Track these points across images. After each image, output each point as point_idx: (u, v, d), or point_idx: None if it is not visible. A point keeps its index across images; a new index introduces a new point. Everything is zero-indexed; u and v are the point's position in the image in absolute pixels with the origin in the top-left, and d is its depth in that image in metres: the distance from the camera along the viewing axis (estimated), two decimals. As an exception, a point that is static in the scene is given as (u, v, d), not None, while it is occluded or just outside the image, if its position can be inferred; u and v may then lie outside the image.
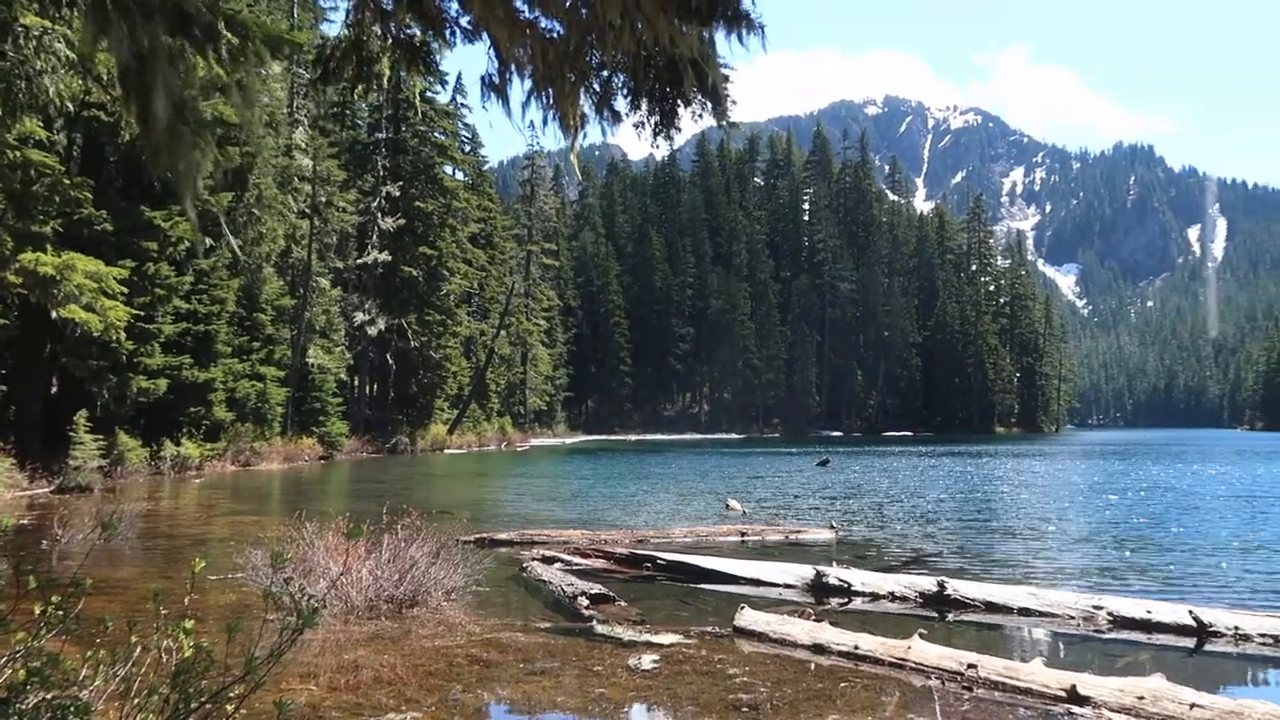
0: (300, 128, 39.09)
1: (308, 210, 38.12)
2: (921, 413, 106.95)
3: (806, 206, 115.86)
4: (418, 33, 3.80)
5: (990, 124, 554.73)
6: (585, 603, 8.35)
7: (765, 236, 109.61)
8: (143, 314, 23.70)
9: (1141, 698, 5.16)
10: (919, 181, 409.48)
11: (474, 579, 8.93)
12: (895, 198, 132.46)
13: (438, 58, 4.17)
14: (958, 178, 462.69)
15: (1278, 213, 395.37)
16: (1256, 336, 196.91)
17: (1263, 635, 7.26)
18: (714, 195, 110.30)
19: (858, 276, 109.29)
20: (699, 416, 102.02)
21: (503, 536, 12.83)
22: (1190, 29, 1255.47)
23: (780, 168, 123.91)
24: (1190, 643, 7.41)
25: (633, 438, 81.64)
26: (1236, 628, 7.40)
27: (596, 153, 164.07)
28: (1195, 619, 7.54)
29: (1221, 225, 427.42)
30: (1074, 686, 5.38)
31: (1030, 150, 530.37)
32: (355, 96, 36.57)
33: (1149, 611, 7.84)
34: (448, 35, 3.70)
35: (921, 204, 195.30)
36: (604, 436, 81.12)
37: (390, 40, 3.79)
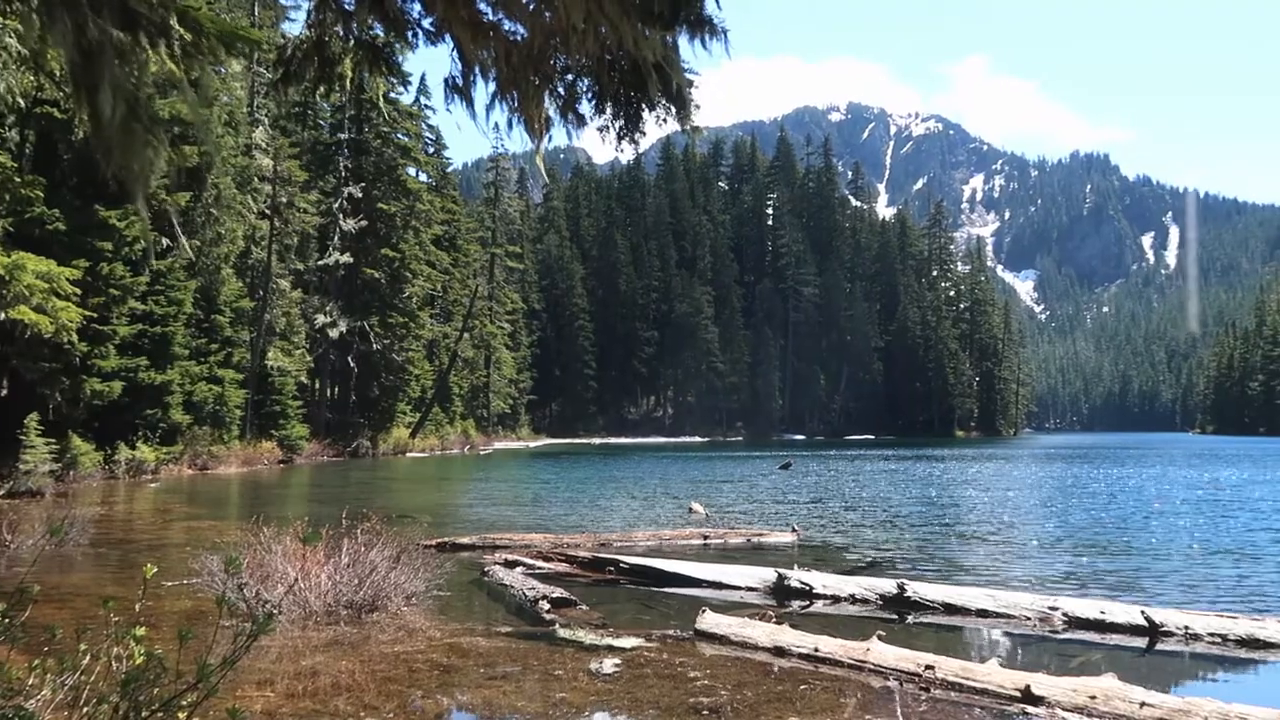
0: (260, 127, 38.59)
1: (268, 211, 37.64)
2: (883, 416, 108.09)
3: (770, 211, 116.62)
4: (380, 34, 3.78)
5: (951, 131, 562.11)
6: (547, 607, 8.32)
7: (729, 240, 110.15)
8: (96, 315, 23.25)
9: (1094, 697, 5.25)
10: (881, 187, 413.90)
11: (435, 584, 8.86)
12: (858, 203, 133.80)
13: (400, 59, 4.15)
14: (919, 184, 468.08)
15: (1227, 221, 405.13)
16: (1207, 342, 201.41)
17: (1211, 634, 7.42)
18: (679, 199, 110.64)
19: (821, 281, 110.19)
20: (663, 420, 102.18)
21: (464, 541, 12.75)
22: (1143, 44, 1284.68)
23: (744, 172, 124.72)
24: (1143, 642, 7.55)
25: (597, 441, 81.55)
26: (1187, 627, 7.55)
27: (561, 156, 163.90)
28: (1147, 619, 7.68)
29: (1174, 233, 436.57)
30: (1028, 686, 5.46)
31: (990, 158, 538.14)
32: (316, 97, 36.18)
33: (1103, 612, 7.98)
34: (410, 37, 3.68)
35: (884, 209, 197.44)
36: (568, 440, 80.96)
37: (352, 41, 3.76)
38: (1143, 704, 5.10)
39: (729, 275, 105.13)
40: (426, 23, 3.56)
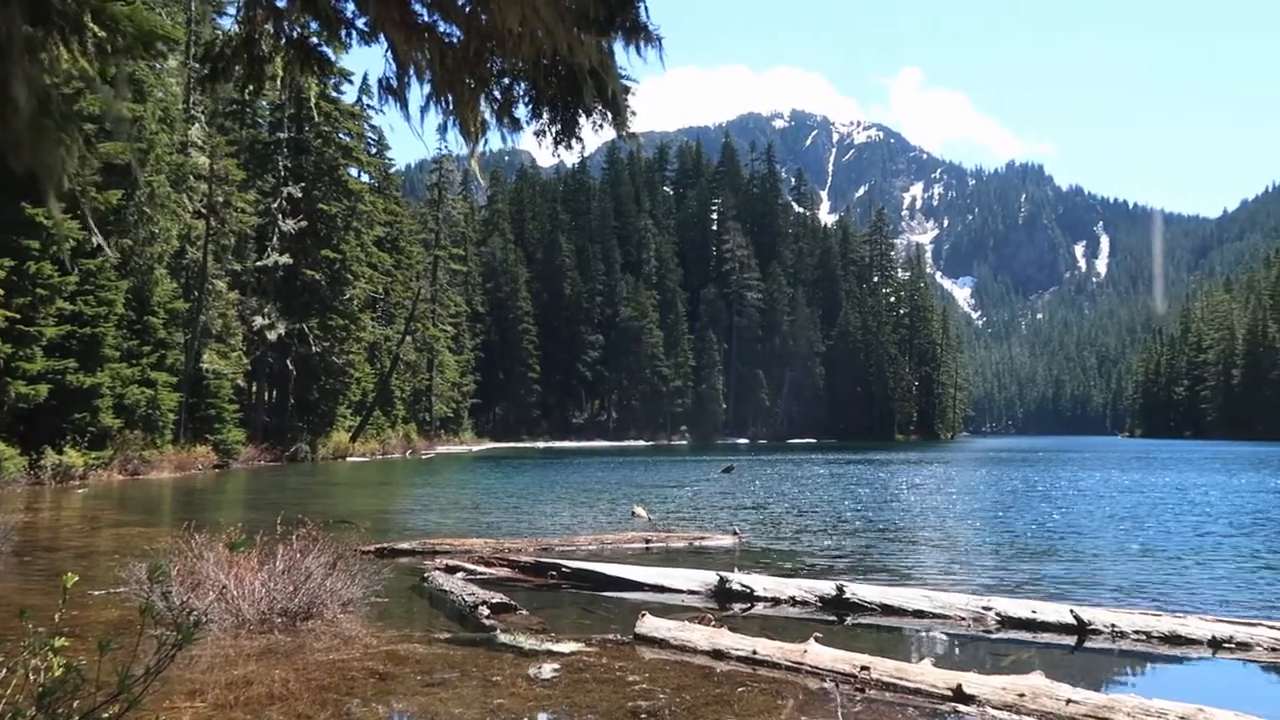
0: (197, 124, 37.70)
1: (204, 210, 36.80)
2: (825, 420, 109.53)
3: (715, 216, 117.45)
4: (313, 33, 3.72)
5: (892, 140, 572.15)
6: (486, 612, 8.26)
7: (674, 245, 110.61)
8: (21, 316, 22.51)
9: (1022, 695, 5.38)
10: (823, 194, 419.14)
11: (373, 590, 8.74)
12: (801, 209, 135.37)
13: (336, 58, 4.09)
14: (861, 191, 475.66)
15: (1155, 231, 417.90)
16: (1136, 349, 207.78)
17: (1136, 632, 7.64)
18: (624, 203, 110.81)
19: (764, 286, 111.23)
20: (607, 424, 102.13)
21: (404, 546, 12.59)
22: (1065, 60, 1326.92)
23: (689, 177, 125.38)
24: (1072, 640, 7.74)
25: (540, 445, 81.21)
26: (1114, 625, 7.76)
27: (506, 158, 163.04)
28: (1076, 617, 7.89)
29: (1105, 242, 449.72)
30: (960, 685, 5.57)
31: (929, 166, 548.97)
32: (246, 95, 35.41)
33: (1034, 611, 8.17)
34: (344, 36, 3.63)
35: (826, 216, 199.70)
36: (511, 444, 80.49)
37: (283, 40, 3.69)
38: (1069, 701, 5.24)
39: (674, 280, 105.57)
40: (360, 22, 3.52)
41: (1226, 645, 7.34)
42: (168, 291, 33.07)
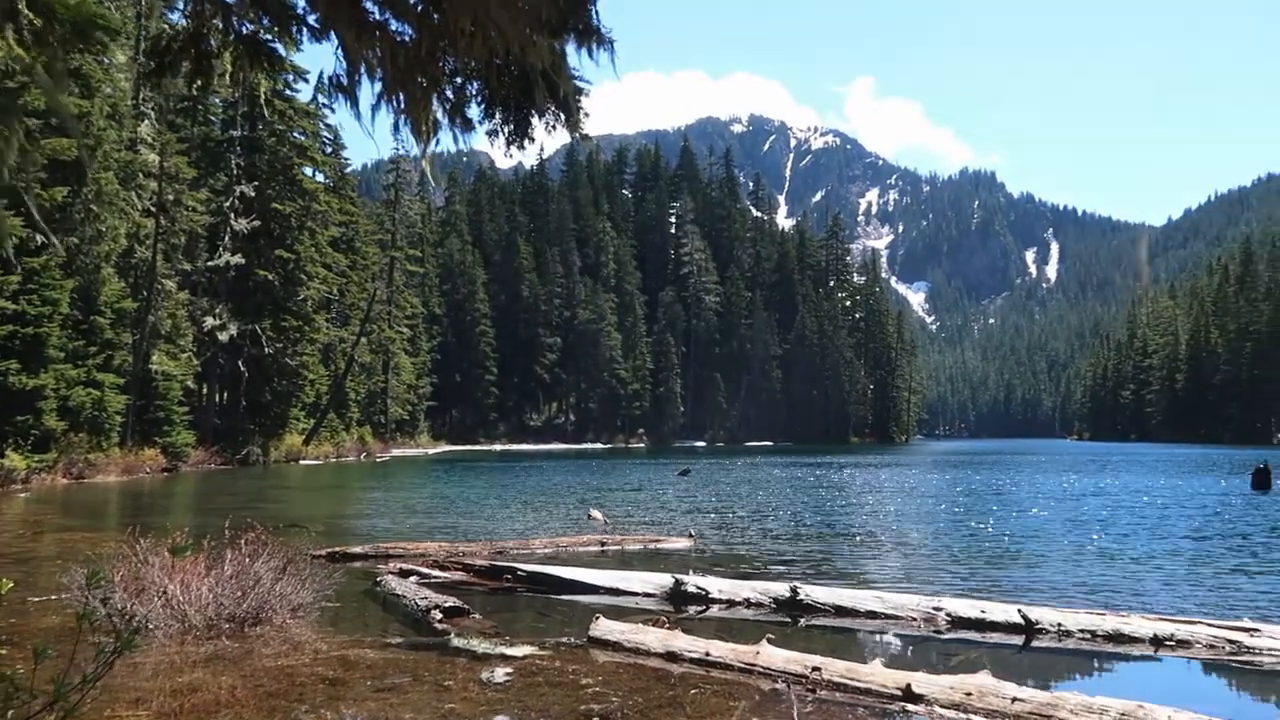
0: (146, 121, 36.95)
1: (153, 208, 36.07)
2: (782, 423, 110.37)
3: (673, 219, 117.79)
4: (263, 28, 3.66)
5: (848, 146, 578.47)
6: (439, 616, 8.20)
7: (633, 248, 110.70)
8: (-39, 315, 21.89)
9: (969, 694, 5.46)
10: (781, 199, 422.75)
11: (324, 595, 8.62)
12: (758, 213, 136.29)
13: (286, 55, 4.03)
14: (818, 196, 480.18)
15: (1103, 238, 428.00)
16: (1084, 353, 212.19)
17: (1082, 630, 7.80)
18: (582, 206, 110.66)
19: (722, 290, 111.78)
20: (565, 426, 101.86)
21: (357, 550, 12.45)
22: (1016, 73, 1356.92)
23: (648, 180, 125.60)
24: (1020, 640, 7.87)
25: (498, 448, 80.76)
26: (1060, 624, 7.91)
27: (465, 159, 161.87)
28: (1024, 617, 8.02)
29: (1055, 249, 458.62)
30: (909, 685, 5.64)
31: (885, 172, 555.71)
32: (195, 91, 34.73)
33: (983, 611, 8.29)
34: (294, 33, 3.57)
35: (783, 220, 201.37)
36: (468, 446, 79.93)
37: (232, 35, 3.63)
38: (1014, 699, 5.33)
39: (632, 282, 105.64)
40: (311, 19, 3.47)
41: (1168, 643, 7.51)
42: (115, 291, 32.36)
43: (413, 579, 10.21)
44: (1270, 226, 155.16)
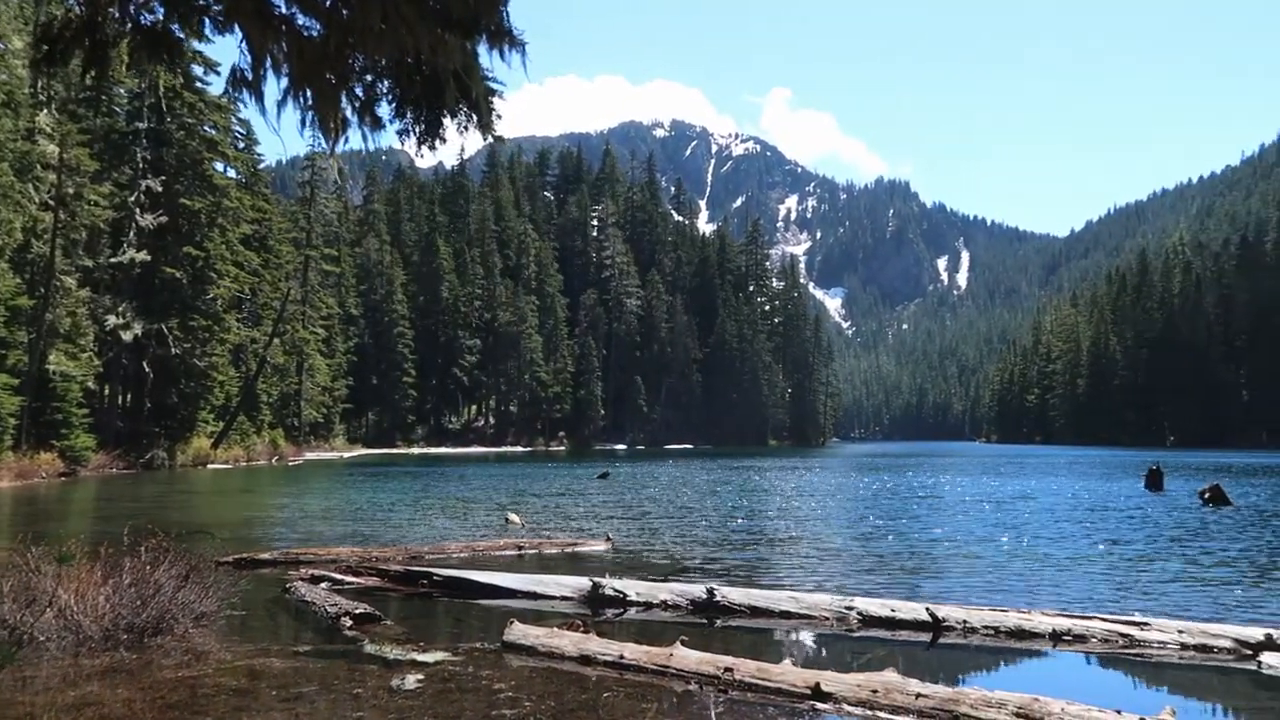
0: (45, 110, 35.34)
1: (52, 201, 34.53)
2: (701, 426, 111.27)
3: (595, 222, 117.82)
4: (162, 19, 3.53)
5: (769, 153, 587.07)
6: (349, 623, 8.04)
7: (554, 250, 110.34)
8: None
9: (875, 691, 5.59)
10: (702, 204, 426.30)
11: (230, 602, 8.38)
12: (680, 218, 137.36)
13: (188, 47, 3.90)
14: (738, 202, 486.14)
15: (1010, 248, 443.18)
16: (993, 359, 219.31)
17: (986, 627, 8.06)
18: (504, 207, 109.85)
19: (643, 294, 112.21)
20: (485, 429, 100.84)
21: (265, 556, 12.12)
22: (926, 86, 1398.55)
23: (570, 183, 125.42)
24: (928, 637, 8.10)
25: (416, 451, 79.54)
26: (965, 621, 8.16)
27: (384, 157, 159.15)
28: (931, 615, 8.25)
29: (966, 257, 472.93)
30: (818, 684, 5.75)
31: (804, 180, 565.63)
32: (87, 80, 33.33)
33: (893, 610, 8.50)
34: (197, 25, 3.46)
35: (704, 225, 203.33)
36: (386, 450, 78.50)
37: (130, 25, 3.49)
38: (918, 695, 5.48)
39: (553, 285, 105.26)
40: (215, 10, 3.36)
41: (1065, 638, 7.81)
42: (10, 287, 30.91)
43: (324, 585, 9.98)
44: (1164, 239, 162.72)
